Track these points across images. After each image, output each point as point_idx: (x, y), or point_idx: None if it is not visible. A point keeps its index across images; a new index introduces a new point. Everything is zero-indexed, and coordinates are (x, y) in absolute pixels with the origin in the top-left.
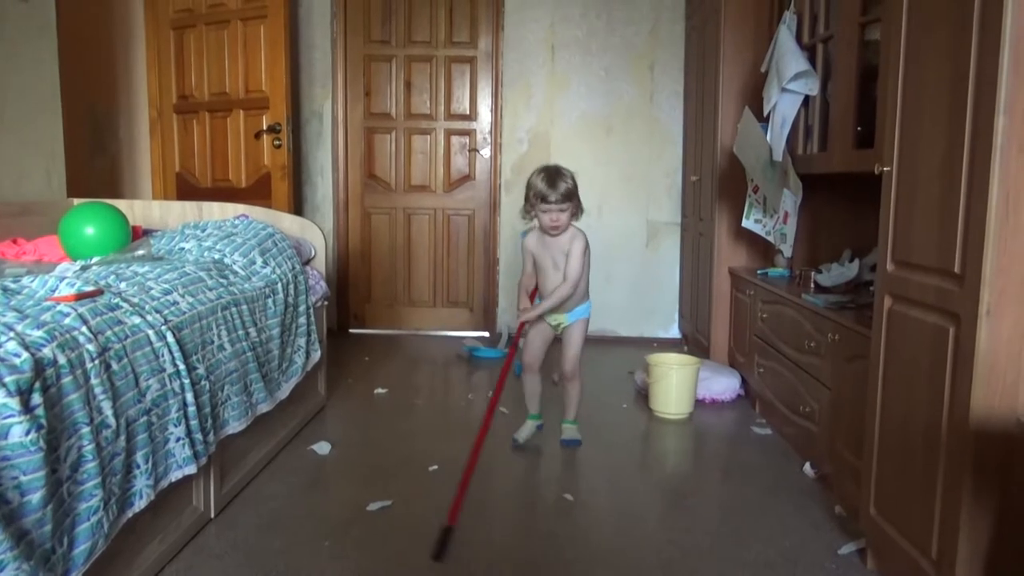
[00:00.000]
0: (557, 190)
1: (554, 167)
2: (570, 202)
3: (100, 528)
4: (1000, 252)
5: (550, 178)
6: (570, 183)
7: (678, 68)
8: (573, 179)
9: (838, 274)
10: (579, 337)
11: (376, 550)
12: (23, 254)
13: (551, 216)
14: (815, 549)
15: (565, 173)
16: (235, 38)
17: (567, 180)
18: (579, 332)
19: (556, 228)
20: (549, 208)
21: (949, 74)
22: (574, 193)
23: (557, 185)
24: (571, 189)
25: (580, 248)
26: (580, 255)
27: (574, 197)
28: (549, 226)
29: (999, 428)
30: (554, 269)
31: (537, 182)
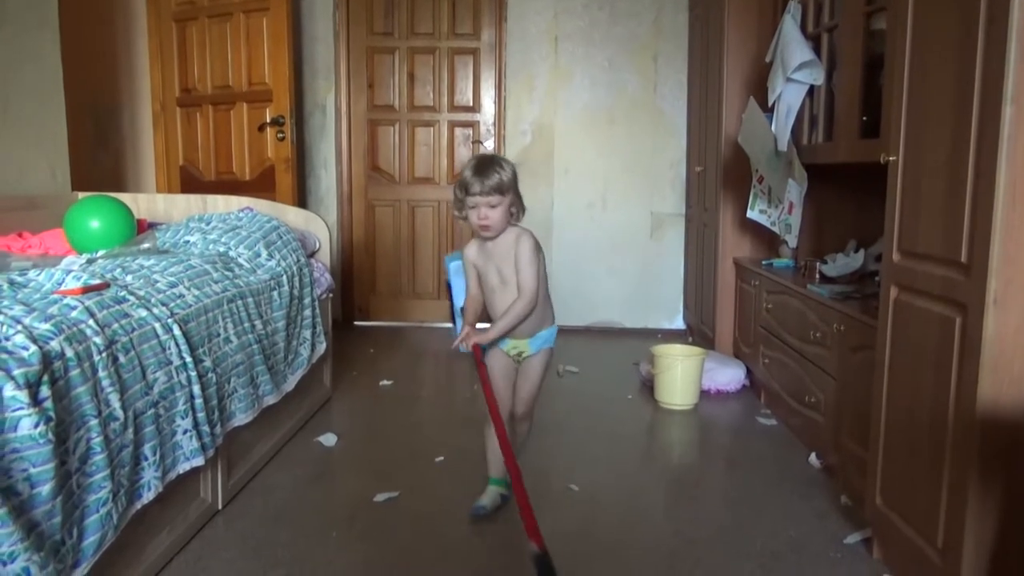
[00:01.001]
0: (484, 179)
1: (489, 155)
2: (502, 195)
3: (109, 520)
4: (1007, 241)
5: (479, 166)
6: (505, 173)
7: (681, 59)
8: (512, 170)
9: (843, 264)
10: (539, 370)
11: (383, 541)
12: (29, 248)
13: (479, 212)
14: (820, 539)
15: (501, 162)
16: (237, 30)
17: (500, 170)
18: (540, 364)
19: (486, 228)
20: (476, 202)
21: (955, 63)
22: (508, 186)
23: (486, 174)
24: (504, 181)
25: (528, 250)
26: (530, 260)
27: (508, 191)
28: (477, 224)
29: (1006, 417)
30: (500, 283)
31: (464, 171)
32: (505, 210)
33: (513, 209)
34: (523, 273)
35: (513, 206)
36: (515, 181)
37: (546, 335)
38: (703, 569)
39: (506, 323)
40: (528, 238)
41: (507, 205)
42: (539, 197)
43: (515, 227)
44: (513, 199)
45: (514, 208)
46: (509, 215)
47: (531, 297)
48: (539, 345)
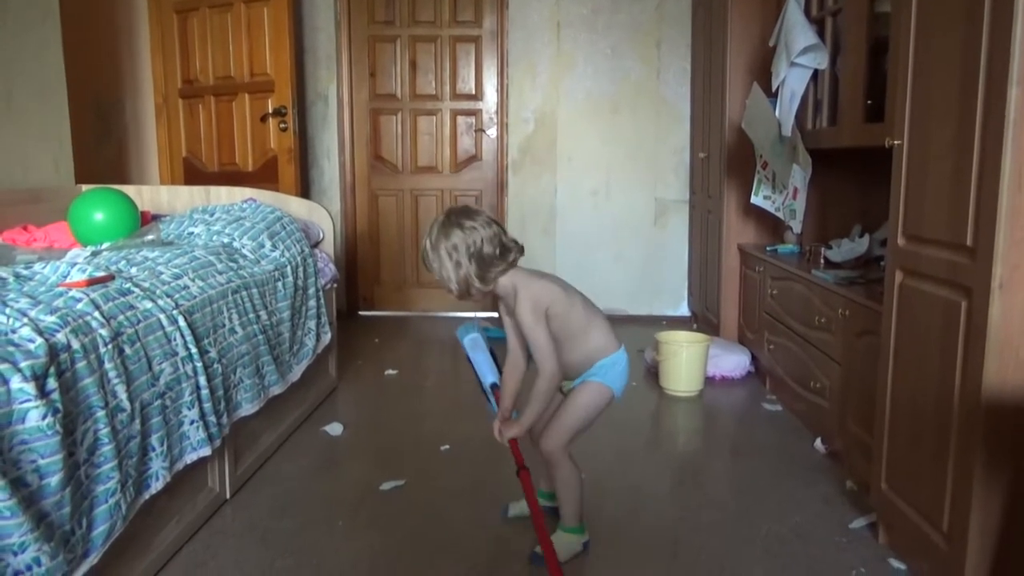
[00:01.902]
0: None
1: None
2: (454, 285)
3: (118, 510)
4: (1013, 224)
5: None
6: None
7: (685, 45)
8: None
9: (848, 249)
10: (578, 406)
11: (390, 529)
12: (34, 241)
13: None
14: (826, 524)
15: (439, 239)
16: (239, 21)
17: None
18: (579, 399)
19: (461, 299)
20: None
21: (961, 45)
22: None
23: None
24: (431, 263)
25: (526, 313)
26: (532, 325)
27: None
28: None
29: (1011, 401)
30: (520, 347)
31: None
32: (462, 281)
33: (467, 275)
34: (529, 341)
35: (480, 277)
36: (455, 254)
37: (595, 370)
38: (708, 555)
39: (535, 409)
40: (524, 298)
41: (468, 286)
42: (542, 185)
43: (515, 276)
44: (465, 268)
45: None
46: (479, 278)
47: (550, 370)
48: (584, 379)
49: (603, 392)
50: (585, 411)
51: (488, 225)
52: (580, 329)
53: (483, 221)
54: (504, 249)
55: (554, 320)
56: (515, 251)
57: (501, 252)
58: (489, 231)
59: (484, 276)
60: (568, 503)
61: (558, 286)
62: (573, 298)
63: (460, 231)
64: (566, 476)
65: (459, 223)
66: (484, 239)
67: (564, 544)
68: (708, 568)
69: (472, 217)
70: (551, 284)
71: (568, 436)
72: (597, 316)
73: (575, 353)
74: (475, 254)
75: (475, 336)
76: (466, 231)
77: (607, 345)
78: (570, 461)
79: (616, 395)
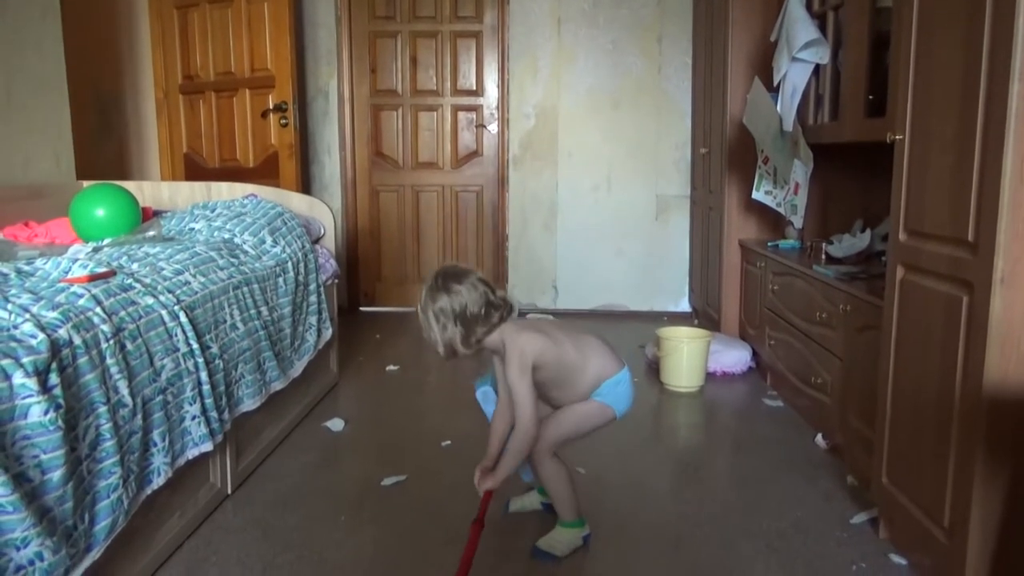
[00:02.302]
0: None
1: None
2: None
3: (120, 505)
4: (1014, 219)
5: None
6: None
7: (686, 40)
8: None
9: (849, 245)
10: (573, 418)
11: (391, 525)
12: (35, 237)
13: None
14: (827, 519)
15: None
16: (239, 16)
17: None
18: (579, 410)
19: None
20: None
21: (962, 40)
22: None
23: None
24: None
25: (512, 363)
26: (515, 375)
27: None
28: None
29: (1013, 396)
30: (509, 402)
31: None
32: (447, 343)
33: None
34: (513, 395)
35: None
36: (441, 317)
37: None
38: (709, 550)
39: (509, 464)
40: (512, 353)
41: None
42: (543, 181)
43: (502, 330)
44: (451, 331)
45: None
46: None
47: (526, 427)
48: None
49: (603, 411)
50: (578, 423)
51: (475, 288)
52: (576, 367)
53: (470, 284)
54: (490, 311)
55: (545, 369)
56: (502, 311)
57: (486, 314)
58: (476, 294)
59: (468, 339)
60: (559, 499)
61: (544, 336)
62: (562, 342)
63: (446, 295)
64: (550, 474)
65: (446, 287)
66: (470, 302)
67: (563, 539)
68: (709, 563)
69: (460, 280)
70: (536, 336)
71: (554, 442)
72: (591, 347)
73: (577, 387)
74: (460, 316)
75: (486, 389)
76: (452, 295)
77: (606, 368)
78: (552, 460)
79: (617, 415)
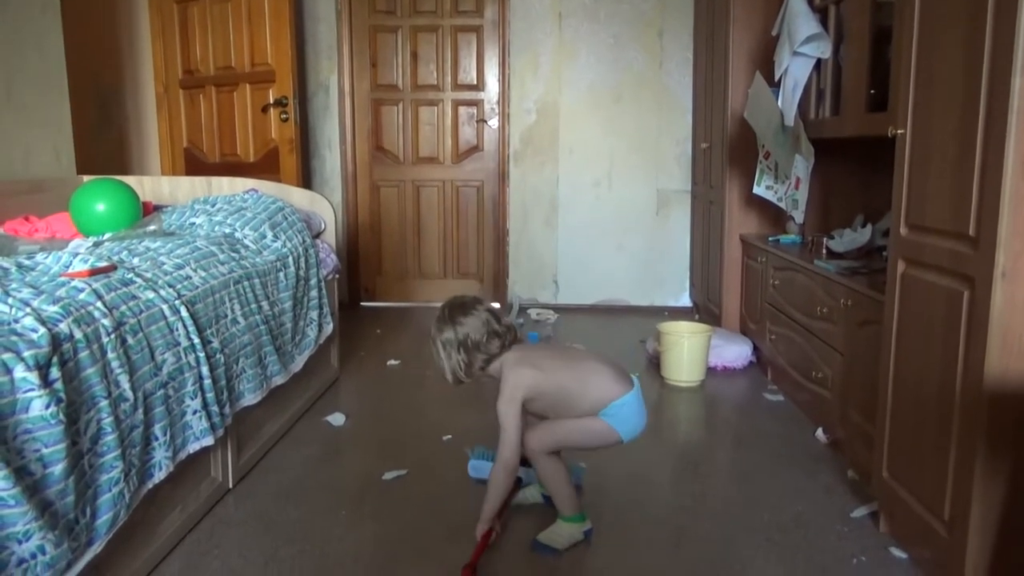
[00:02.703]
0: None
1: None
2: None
3: (121, 499)
4: (1016, 214)
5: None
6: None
7: (687, 34)
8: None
9: (850, 239)
10: (576, 428)
11: (392, 518)
12: (36, 231)
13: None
14: (827, 513)
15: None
16: (239, 11)
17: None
18: (584, 423)
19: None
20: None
21: (964, 34)
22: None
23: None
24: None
25: (502, 394)
26: (502, 405)
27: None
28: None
29: (1013, 390)
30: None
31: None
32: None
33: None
34: (500, 422)
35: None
36: (447, 348)
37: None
38: (709, 543)
39: (491, 499)
40: (504, 385)
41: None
42: (544, 176)
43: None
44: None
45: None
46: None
47: (506, 458)
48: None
49: (604, 430)
50: (580, 434)
51: (481, 321)
52: (574, 394)
53: (476, 318)
54: (491, 340)
55: (540, 400)
56: (504, 339)
57: (488, 343)
58: (479, 324)
59: (470, 369)
60: (557, 494)
61: (536, 370)
62: (558, 372)
63: (452, 328)
64: (546, 471)
65: (453, 319)
66: (472, 332)
67: (563, 532)
68: (710, 556)
69: (468, 313)
70: (530, 371)
71: (551, 444)
72: (593, 371)
73: (577, 411)
74: (463, 345)
75: (477, 463)
76: (457, 327)
77: (607, 393)
78: (547, 457)
79: (623, 438)
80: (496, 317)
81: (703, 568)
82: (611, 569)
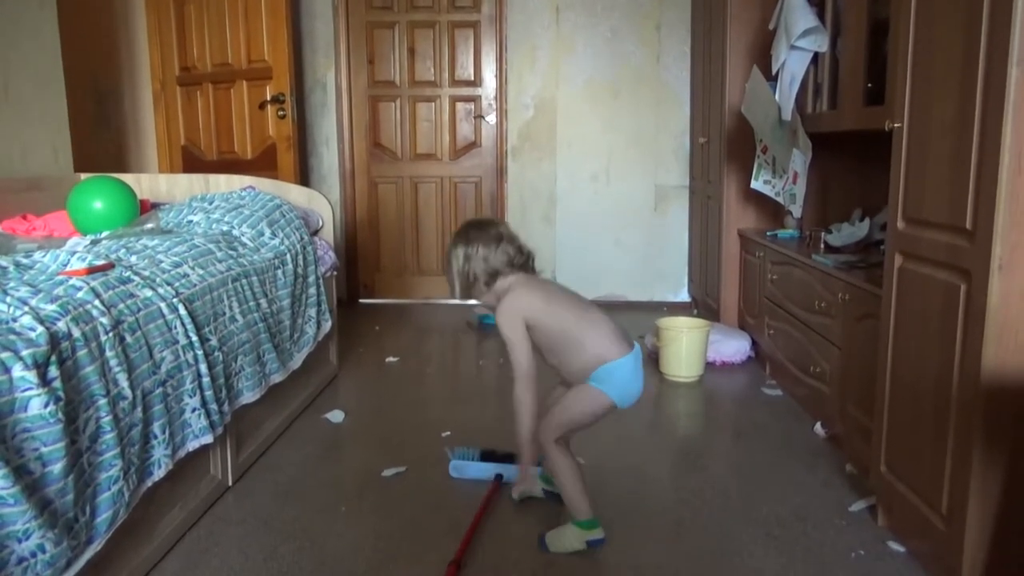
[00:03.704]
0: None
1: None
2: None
3: (121, 497)
4: (1012, 206)
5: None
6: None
7: (685, 28)
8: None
9: (848, 234)
10: (568, 405)
11: (392, 515)
12: (33, 230)
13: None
14: (826, 507)
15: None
16: (236, 7)
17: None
18: (572, 397)
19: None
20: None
21: (961, 27)
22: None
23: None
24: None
25: (503, 315)
26: (502, 321)
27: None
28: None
29: (1011, 383)
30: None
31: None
32: (464, 284)
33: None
34: (506, 343)
35: (487, 284)
36: (467, 261)
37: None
38: (709, 537)
39: (520, 421)
40: (506, 301)
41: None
42: (542, 171)
43: (511, 281)
44: (476, 275)
45: (479, 282)
46: (478, 279)
47: (523, 369)
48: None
49: (596, 397)
50: (571, 411)
51: (492, 236)
52: (573, 340)
53: (489, 233)
54: (500, 257)
55: (536, 332)
56: (515, 261)
57: (495, 258)
58: (491, 241)
59: (475, 281)
60: (565, 495)
61: (543, 301)
62: (561, 310)
63: (464, 238)
64: (556, 466)
65: (467, 232)
66: (483, 247)
67: (564, 537)
68: (709, 550)
69: (483, 228)
70: (532, 295)
71: (554, 430)
72: (596, 326)
73: (573, 361)
74: (470, 259)
75: (455, 463)
76: (469, 238)
77: (605, 352)
78: (559, 452)
79: (616, 402)
80: (512, 237)
81: (702, 562)
82: (610, 563)
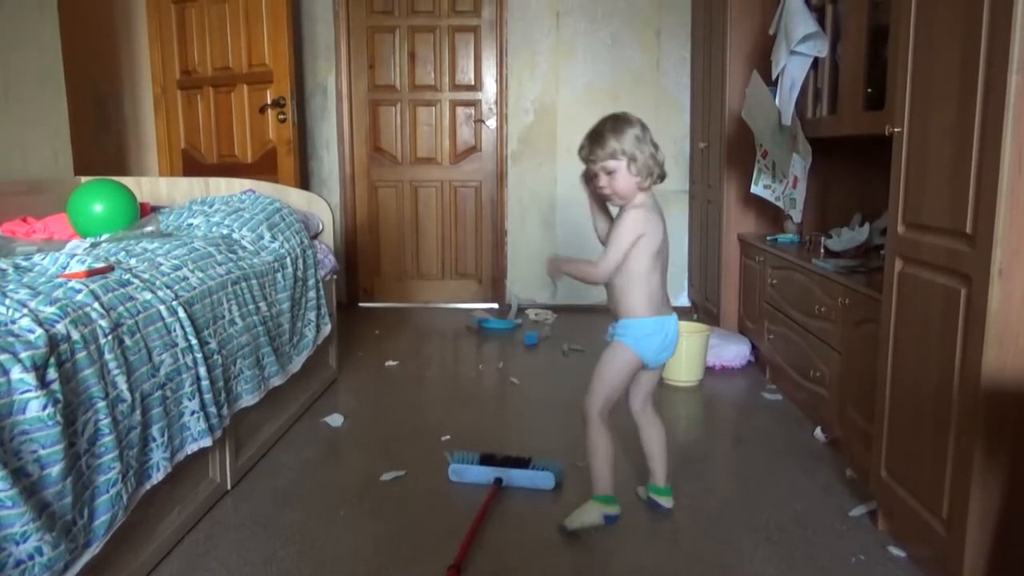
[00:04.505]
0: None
1: (611, 116)
2: (616, 160)
3: (119, 500)
4: (1013, 211)
5: (594, 130)
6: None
7: (685, 33)
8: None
9: (848, 238)
10: (600, 369)
11: (391, 519)
12: (33, 232)
13: (599, 180)
14: (826, 512)
15: (619, 123)
16: (236, 11)
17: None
18: (602, 360)
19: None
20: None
21: (961, 32)
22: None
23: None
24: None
25: (625, 227)
26: (623, 232)
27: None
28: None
29: (1011, 388)
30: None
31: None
32: (626, 175)
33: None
34: (609, 245)
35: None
36: (639, 142)
37: (620, 327)
38: (709, 541)
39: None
40: (630, 215)
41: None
42: (542, 176)
43: (641, 196)
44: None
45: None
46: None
47: (603, 266)
48: (611, 334)
49: (621, 352)
50: (605, 372)
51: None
52: (633, 277)
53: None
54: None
55: (634, 249)
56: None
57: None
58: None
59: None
60: (592, 467)
61: (659, 239)
62: (655, 258)
63: (632, 127)
64: (592, 440)
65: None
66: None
67: (582, 512)
68: (709, 555)
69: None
70: (657, 229)
71: (597, 398)
72: (652, 282)
73: (619, 296)
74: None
75: (454, 467)
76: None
77: (641, 308)
78: (600, 428)
79: (643, 358)
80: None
81: (702, 567)
82: (609, 567)
